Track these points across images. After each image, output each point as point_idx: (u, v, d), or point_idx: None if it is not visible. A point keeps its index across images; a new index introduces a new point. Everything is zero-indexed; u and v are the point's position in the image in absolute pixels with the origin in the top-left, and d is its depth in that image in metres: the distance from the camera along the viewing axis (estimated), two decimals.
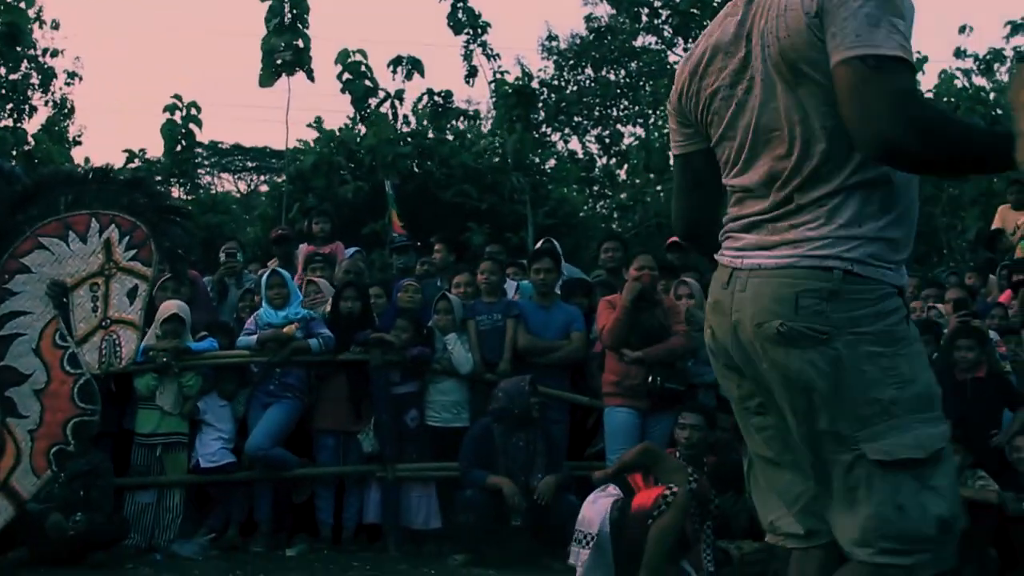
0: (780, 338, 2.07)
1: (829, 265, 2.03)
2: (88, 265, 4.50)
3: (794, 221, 2.10)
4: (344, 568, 6.13)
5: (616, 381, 6.63)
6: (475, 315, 7.25)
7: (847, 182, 2.06)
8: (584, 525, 5.39)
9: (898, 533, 2.00)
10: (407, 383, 7.06)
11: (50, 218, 4.59)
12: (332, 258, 8.23)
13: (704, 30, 2.36)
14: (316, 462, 7.03)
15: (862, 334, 2.01)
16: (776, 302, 2.07)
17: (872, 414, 2.02)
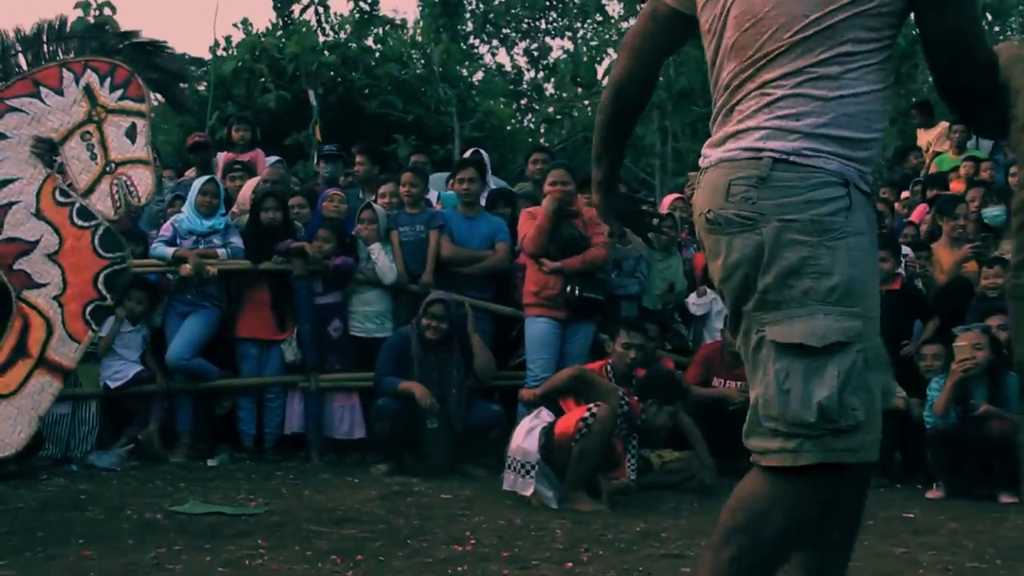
0: (711, 225, 2.10)
1: (761, 153, 2.04)
2: (72, 116, 4.19)
3: (737, 112, 2.11)
4: (266, 478, 6.12)
5: (536, 291, 6.66)
6: (398, 226, 7.19)
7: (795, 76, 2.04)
8: (520, 454, 5.43)
9: (779, 415, 2.00)
10: (330, 293, 7.01)
11: (12, 79, 4.29)
12: (251, 166, 8.05)
13: None
14: (238, 372, 6.97)
15: (788, 221, 2.00)
16: (713, 191, 2.10)
17: (783, 300, 2.01)
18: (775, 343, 2.01)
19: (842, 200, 2.01)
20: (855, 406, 1.97)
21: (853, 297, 2.00)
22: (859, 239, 2.03)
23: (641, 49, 2.41)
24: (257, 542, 4.25)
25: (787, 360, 2.00)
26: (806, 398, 1.97)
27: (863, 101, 2.05)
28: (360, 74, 15.22)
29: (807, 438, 1.99)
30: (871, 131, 2.08)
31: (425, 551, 4.21)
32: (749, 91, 2.09)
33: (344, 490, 5.73)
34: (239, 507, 5.04)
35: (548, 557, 4.14)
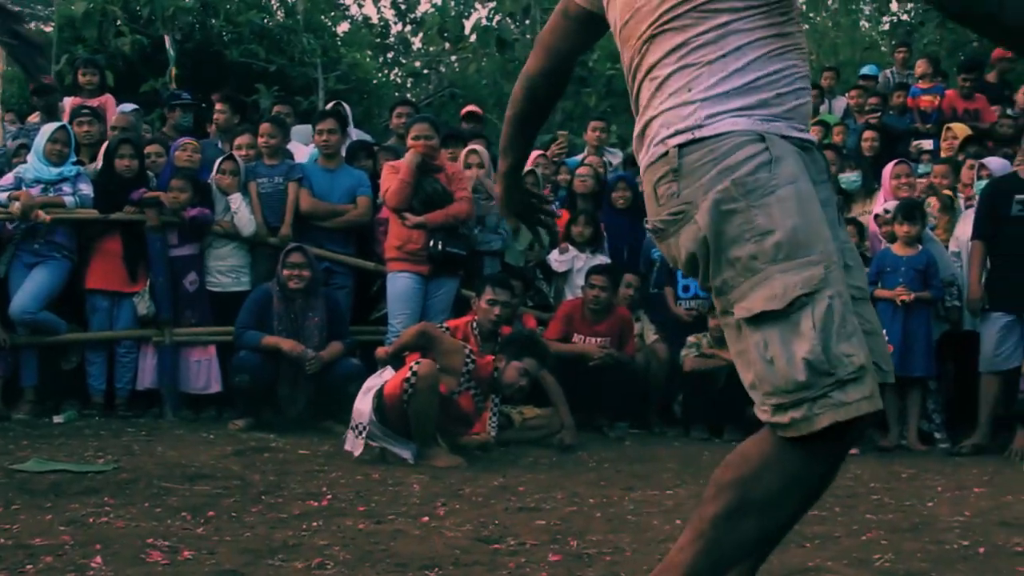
0: (657, 235, 2.09)
1: (667, 145, 2.01)
2: None
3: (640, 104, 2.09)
4: (117, 434, 5.94)
5: (399, 246, 6.61)
6: (256, 177, 7.03)
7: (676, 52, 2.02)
8: (356, 414, 5.38)
9: (773, 387, 1.90)
10: (186, 245, 6.82)
11: None
12: (100, 112, 7.73)
13: None
14: (87, 326, 6.73)
15: (715, 196, 1.95)
16: (648, 200, 2.09)
17: (736, 274, 1.95)
18: (745, 320, 1.94)
19: (761, 155, 1.95)
20: (848, 351, 1.88)
21: (803, 246, 1.92)
22: (791, 188, 1.95)
23: (554, 47, 2.41)
24: (103, 499, 4.12)
25: (761, 331, 1.92)
26: (790, 359, 1.89)
27: (756, 56, 2.00)
28: (221, 21, 14.74)
29: (812, 400, 1.88)
30: (779, 84, 2.02)
31: (279, 507, 4.15)
32: (640, 80, 2.08)
33: (199, 446, 5.61)
34: (86, 464, 4.88)
35: (404, 512, 4.13)
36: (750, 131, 1.96)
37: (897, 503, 4.58)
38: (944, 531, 3.97)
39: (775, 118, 1.99)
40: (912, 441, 6.57)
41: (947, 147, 8.54)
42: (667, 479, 5.12)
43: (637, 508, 4.32)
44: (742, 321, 1.94)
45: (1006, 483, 5.25)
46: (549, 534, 3.74)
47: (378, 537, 3.63)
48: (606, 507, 4.33)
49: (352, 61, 16.32)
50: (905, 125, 9.82)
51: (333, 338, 6.43)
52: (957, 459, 6.17)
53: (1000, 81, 10.51)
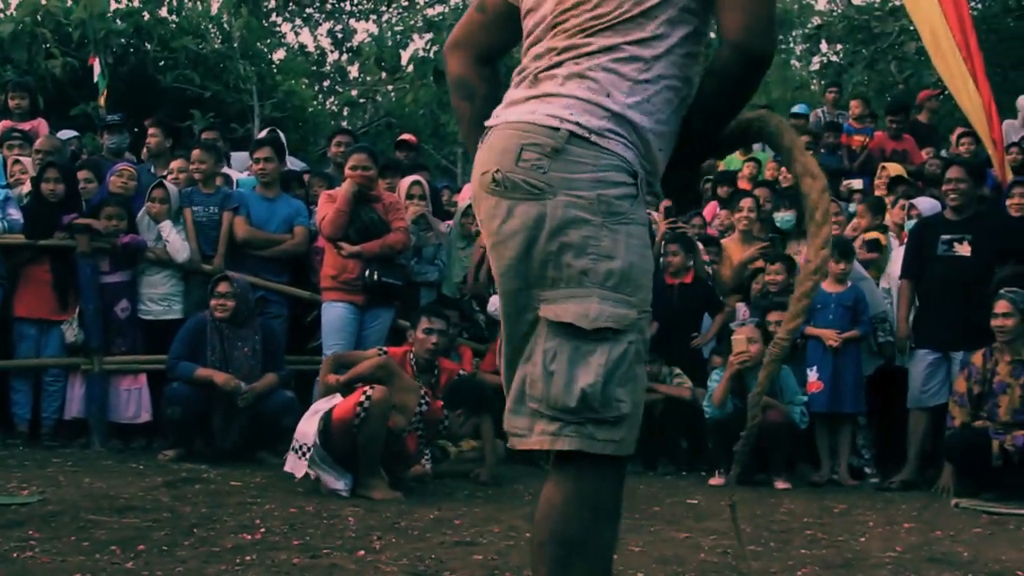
0: (495, 186, 2.00)
1: (562, 124, 1.96)
2: None
3: (546, 79, 2.04)
4: (42, 464, 5.80)
5: (334, 275, 6.57)
6: (192, 204, 6.95)
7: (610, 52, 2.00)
8: (300, 435, 5.33)
9: (542, 396, 1.94)
10: (118, 272, 6.70)
11: None
12: (32, 135, 7.59)
13: None
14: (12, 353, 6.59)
15: (576, 197, 1.93)
16: (502, 152, 2.00)
17: (560, 278, 1.95)
18: (548, 321, 1.94)
19: (630, 187, 1.97)
20: (621, 397, 1.92)
21: (631, 286, 1.95)
22: (641, 230, 2.00)
23: (475, 43, 2.30)
24: (28, 533, 4.01)
25: (557, 340, 1.94)
26: (569, 383, 1.92)
27: (675, 103, 2.04)
28: (155, 45, 14.62)
29: (568, 423, 1.93)
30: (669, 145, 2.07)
31: (212, 540, 4.07)
32: (562, 61, 2.02)
33: (128, 477, 5.50)
34: (9, 496, 4.75)
35: (340, 545, 4.09)
36: (630, 164, 1.98)
37: (830, 538, 4.64)
38: (875, 567, 4.03)
39: (649, 168, 2.03)
40: (843, 476, 6.66)
41: (881, 185, 8.73)
42: None
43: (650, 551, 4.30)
44: (544, 321, 1.95)
45: (934, 518, 5.34)
46: (486, 569, 3.72)
47: (314, 572, 3.59)
48: None
49: (288, 89, 16.28)
50: (836, 164, 10.02)
51: (268, 368, 6.35)
52: (887, 494, 6.26)
53: (929, 122, 10.79)
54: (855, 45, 17.21)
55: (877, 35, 16.41)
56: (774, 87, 19.04)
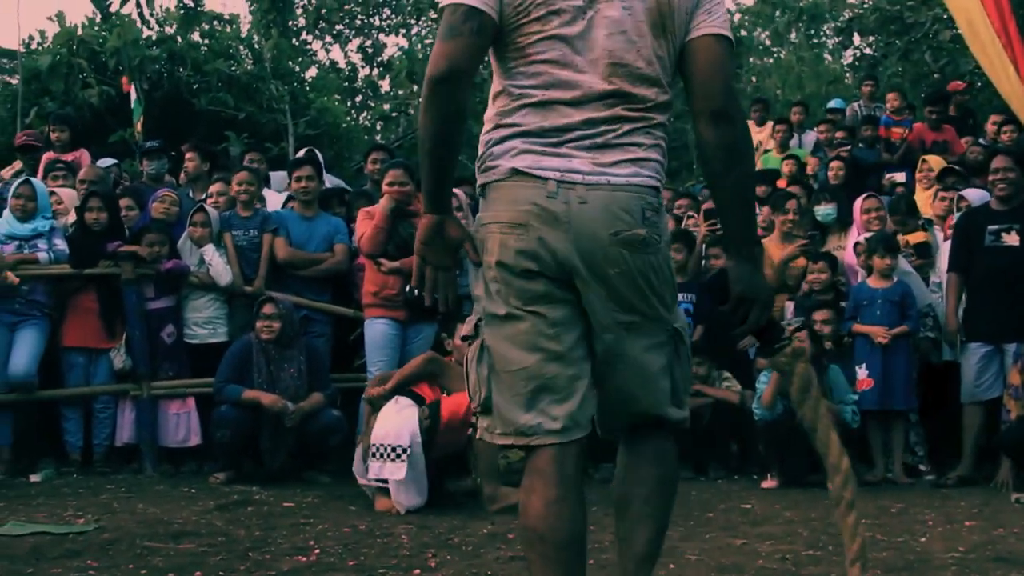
0: (629, 243, 2.37)
1: (659, 184, 2.43)
2: None
3: (628, 141, 2.40)
4: (96, 492, 5.84)
5: (375, 292, 6.57)
6: (231, 229, 6.98)
7: (661, 121, 2.47)
8: (389, 439, 5.25)
9: (689, 387, 2.66)
10: (162, 298, 6.76)
11: None
12: (75, 166, 7.69)
13: None
14: (64, 382, 6.66)
15: (667, 242, 2.50)
16: (627, 212, 2.37)
17: (672, 301, 2.53)
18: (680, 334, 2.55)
19: None
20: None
21: None
22: None
23: (474, 70, 2.39)
24: (86, 562, 4.03)
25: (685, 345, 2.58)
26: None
27: None
28: (188, 70, 14.73)
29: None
30: None
31: (268, 563, 4.08)
32: (636, 129, 2.41)
33: (181, 501, 5.53)
34: (66, 525, 4.79)
35: (395, 564, 4.08)
36: None
37: (889, 539, 4.57)
38: (939, 569, 3.96)
39: None
40: (898, 475, 6.57)
41: (922, 179, 8.60)
42: None
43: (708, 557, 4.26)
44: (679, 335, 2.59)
45: (996, 515, 5.25)
46: None
47: None
48: (597, 553, 4.27)
49: (321, 106, 16.33)
50: (875, 158, 9.91)
51: (313, 387, 6.37)
52: (944, 491, 6.17)
53: (963, 112, 10.66)
54: (888, 36, 17.02)
55: (910, 25, 16.22)
56: (808, 82, 18.86)
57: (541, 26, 2.38)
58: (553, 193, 2.34)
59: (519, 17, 2.39)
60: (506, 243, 2.39)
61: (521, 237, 2.38)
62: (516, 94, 2.42)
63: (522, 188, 2.38)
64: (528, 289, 2.40)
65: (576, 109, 2.38)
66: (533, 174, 2.36)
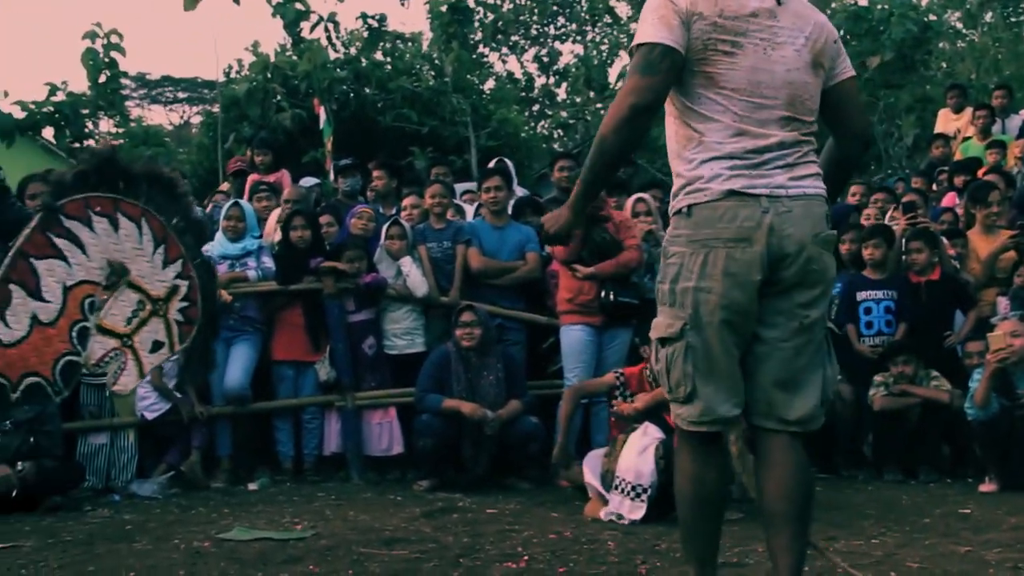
0: (823, 244, 2.82)
1: (826, 194, 2.88)
2: (152, 283, 3.94)
3: (808, 159, 2.85)
4: (309, 500, 6.06)
5: (570, 298, 6.58)
6: (425, 241, 7.14)
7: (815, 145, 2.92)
8: (631, 475, 5.20)
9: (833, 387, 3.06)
10: (363, 311, 6.96)
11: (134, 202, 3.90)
12: (277, 187, 8.04)
13: None
14: (275, 394, 6.96)
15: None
16: (820, 218, 2.82)
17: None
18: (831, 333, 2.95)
19: None
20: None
21: None
22: None
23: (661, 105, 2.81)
24: (308, 568, 4.17)
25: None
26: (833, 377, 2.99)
27: None
28: (373, 89, 15.20)
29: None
30: None
31: (479, 570, 4.13)
32: (808, 151, 2.86)
33: (388, 509, 5.66)
34: (286, 531, 4.98)
35: (604, 571, 4.07)
36: None
37: None
38: None
39: None
40: None
41: None
42: (869, 527, 4.90)
43: (845, 560, 4.12)
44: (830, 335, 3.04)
45: None
46: None
47: None
48: (811, 559, 4.15)
49: (501, 117, 16.56)
50: None
51: (511, 395, 6.44)
52: None
53: None
54: None
55: None
56: (1006, 65, 17.89)
57: (729, 59, 2.75)
58: (766, 208, 2.73)
59: (707, 51, 2.75)
60: (732, 256, 2.75)
61: (746, 250, 2.74)
62: (713, 118, 2.78)
63: (740, 207, 2.73)
64: (738, 300, 2.78)
65: (769, 132, 2.78)
66: (748, 193, 2.73)
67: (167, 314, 3.87)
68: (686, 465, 2.98)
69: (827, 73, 2.90)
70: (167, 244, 3.82)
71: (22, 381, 3.48)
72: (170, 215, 3.82)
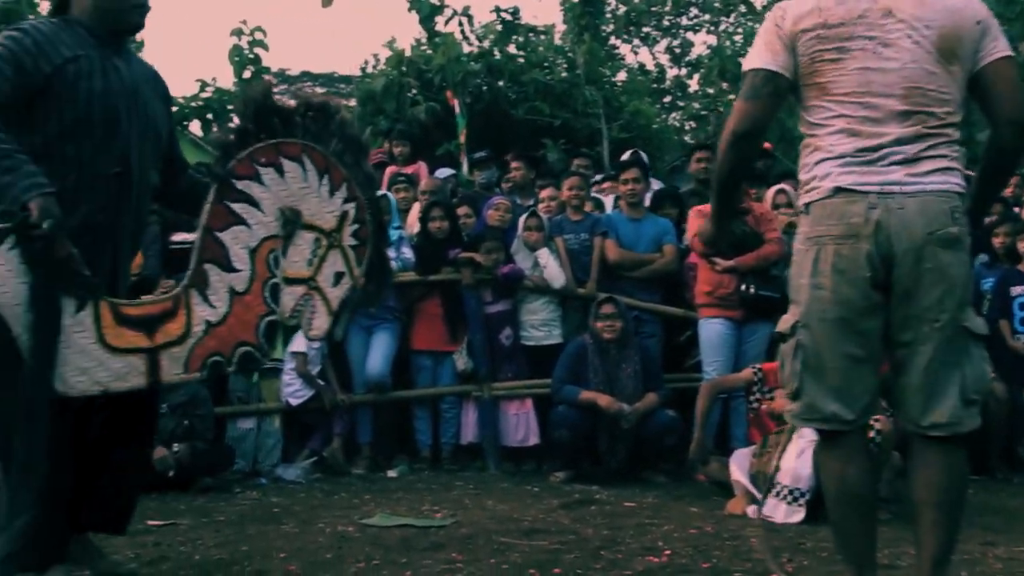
0: (944, 242, 2.76)
1: (962, 190, 2.82)
2: (323, 217, 3.81)
3: (935, 154, 2.80)
4: (447, 488, 6.13)
5: (709, 291, 6.52)
6: (562, 233, 7.14)
7: (956, 137, 2.86)
8: (789, 479, 5.12)
9: (980, 386, 2.86)
10: (500, 301, 7.00)
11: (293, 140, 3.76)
12: (414, 178, 8.16)
13: None
14: (414, 383, 7.07)
15: (968, 245, 2.85)
16: (940, 214, 2.77)
17: (967, 301, 2.84)
18: (971, 334, 2.81)
19: None
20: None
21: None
22: None
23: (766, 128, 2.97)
24: (451, 555, 4.21)
25: (977, 345, 2.84)
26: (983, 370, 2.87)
27: None
28: (506, 81, 15.24)
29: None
30: None
31: (621, 563, 4.10)
32: (939, 143, 2.81)
33: (526, 499, 5.69)
34: (427, 519, 5.04)
35: (749, 568, 3.99)
36: None
37: None
38: None
39: None
40: None
41: None
42: None
43: (1008, 568, 3.97)
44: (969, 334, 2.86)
45: None
46: None
47: None
48: (970, 565, 4.01)
49: (634, 109, 16.41)
50: None
51: (648, 388, 6.40)
52: None
53: None
54: None
55: None
56: None
57: (836, 65, 2.82)
58: (874, 204, 2.76)
59: (815, 64, 2.84)
60: (840, 252, 2.79)
61: (853, 247, 2.78)
62: (825, 124, 2.84)
63: (847, 204, 2.79)
64: (849, 297, 2.80)
65: (884, 130, 2.79)
66: (856, 190, 2.78)
67: (341, 242, 3.86)
68: (825, 462, 3.01)
69: (969, 58, 2.83)
70: (330, 172, 3.81)
71: (234, 353, 3.54)
72: (327, 141, 3.81)
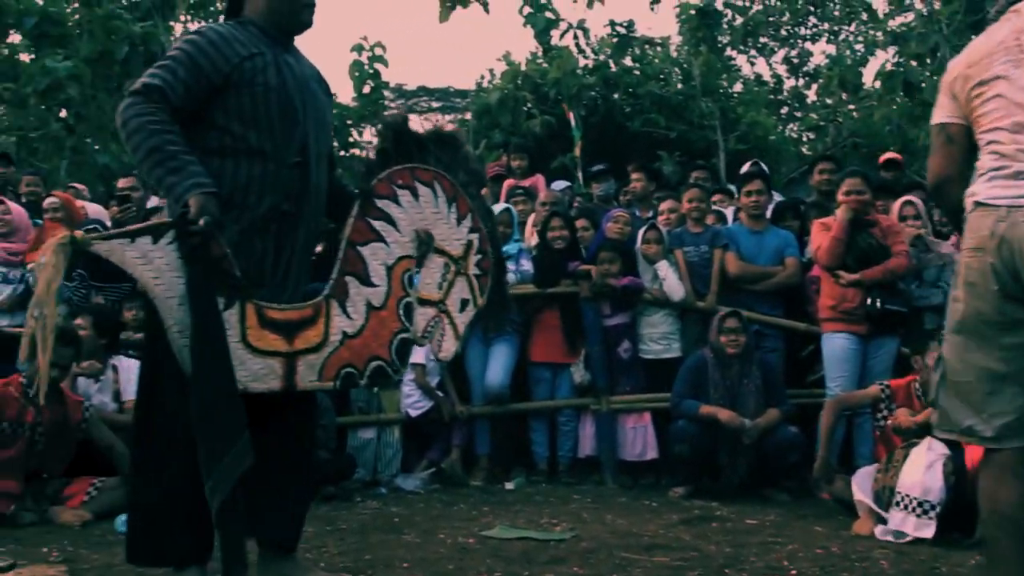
0: None
1: None
2: (451, 244, 3.92)
3: None
4: (565, 501, 6.11)
5: (833, 305, 6.36)
6: (682, 245, 7.07)
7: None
8: (918, 491, 4.96)
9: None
10: (618, 314, 6.96)
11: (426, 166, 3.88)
12: (532, 191, 8.19)
13: None
14: (531, 395, 7.06)
15: None
16: None
17: None
18: None
19: None
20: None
21: None
22: None
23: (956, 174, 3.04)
24: (572, 569, 4.20)
25: None
26: None
27: None
28: (621, 94, 15.24)
29: None
30: None
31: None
32: None
33: (644, 514, 5.63)
34: (546, 532, 5.04)
35: None
36: None
37: None
38: None
39: None
40: None
41: None
42: None
43: None
44: None
45: None
46: None
47: None
48: None
49: (751, 120, 16.24)
50: None
51: (769, 403, 6.28)
52: None
53: None
54: None
55: None
56: None
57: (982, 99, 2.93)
58: (1002, 217, 2.78)
59: (970, 104, 2.96)
60: (970, 265, 2.84)
61: (981, 260, 2.81)
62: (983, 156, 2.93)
63: (982, 217, 2.84)
64: (981, 310, 2.81)
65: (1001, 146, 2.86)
66: (990, 204, 2.83)
67: (467, 271, 3.96)
68: (981, 479, 2.96)
69: None
70: (457, 201, 3.92)
71: (367, 367, 3.65)
72: (455, 171, 3.93)
